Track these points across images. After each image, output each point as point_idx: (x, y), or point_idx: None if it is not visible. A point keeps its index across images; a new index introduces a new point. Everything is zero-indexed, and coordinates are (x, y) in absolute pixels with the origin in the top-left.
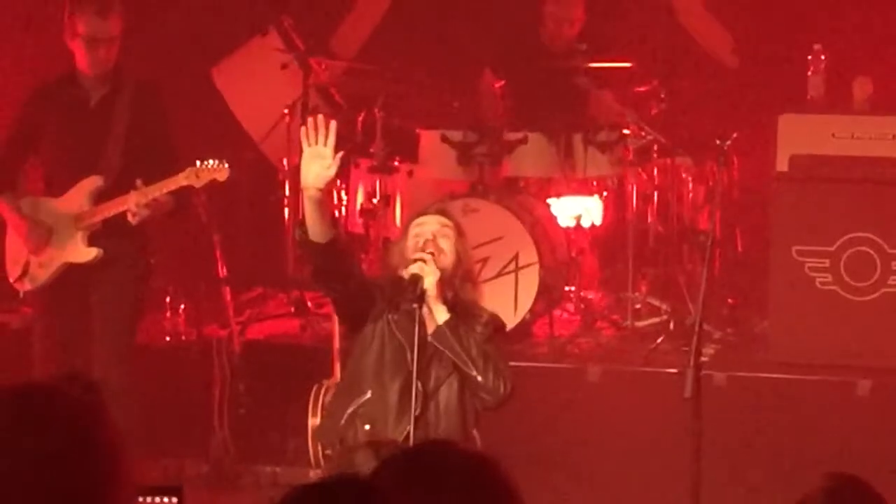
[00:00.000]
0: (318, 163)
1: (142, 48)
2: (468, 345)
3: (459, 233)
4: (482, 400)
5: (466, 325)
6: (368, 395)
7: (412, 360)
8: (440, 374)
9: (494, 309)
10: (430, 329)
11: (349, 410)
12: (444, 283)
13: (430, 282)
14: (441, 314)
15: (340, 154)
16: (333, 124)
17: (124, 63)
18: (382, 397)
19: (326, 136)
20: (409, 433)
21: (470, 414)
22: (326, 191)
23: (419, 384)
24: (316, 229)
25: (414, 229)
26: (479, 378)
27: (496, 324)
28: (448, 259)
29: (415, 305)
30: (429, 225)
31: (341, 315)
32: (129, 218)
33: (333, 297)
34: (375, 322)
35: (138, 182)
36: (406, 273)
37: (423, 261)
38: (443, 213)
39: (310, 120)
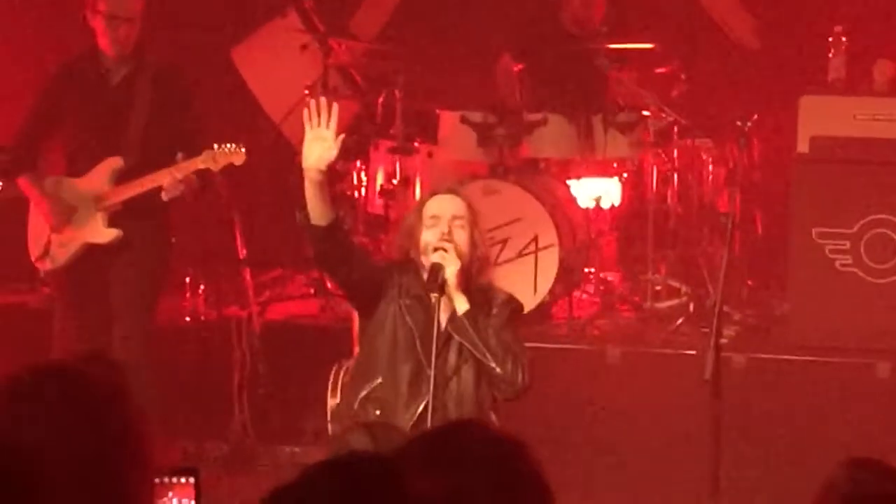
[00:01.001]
0: (319, 144)
1: (162, 28)
2: (486, 335)
3: (473, 219)
4: (501, 391)
5: (483, 310)
6: (380, 379)
7: (421, 347)
8: (455, 361)
9: (514, 290)
10: (446, 315)
11: (362, 394)
12: (462, 272)
13: (451, 272)
14: (461, 305)
15: (342, 136)
16: (335, 107)
17: (146, 43)
18: (393, 383)
19: (329, 119)
20: (418, 419)
21: (486, 399)
22: (327, 173)
23: (433, 370)
24: (317, 212)
25: (429, 220)
26: (498, 370)
27: (513, 305)
28: (463, 249)
29: (435, 295)
30: (444, 218)
31: (351, 299)
32: (163, 196)
33: (339, 280)
34: (388, 306)
35: (179, 155)
36: (426, 262)
37: (444, 250)
38: (455, 192)
39: (312, 102)
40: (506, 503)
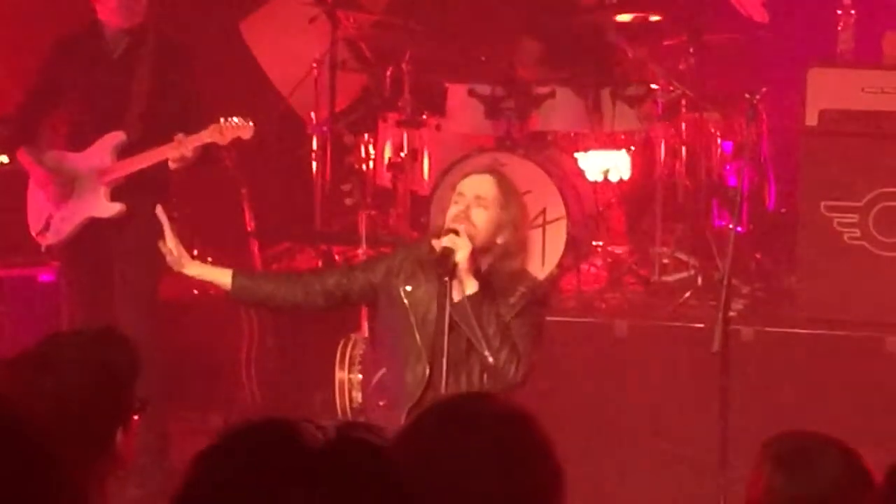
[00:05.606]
0: None
1: (171, 2)
2: (487, 322)
3: (504, 201)
4: (491, 383)
5: (500, 299)
6: (384, 370)
7: (419, 338)
8: (465, 348)
9: None
10: (456, 299)
11: (372, 383)
12: (475, 253)
13: (462, 255)
14: (470, 287)
15: None
16: None
17: (151, 16)
18: (398, 374)
19: None
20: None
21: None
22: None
23: (441, 358)
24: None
25: (455, 196)
26: (490, 359)
27: (532, 297)
28: (479, 231)
29: (445, 279)
30: (467, 196)
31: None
32: (170, 165)
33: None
34: (388, 297)
35: (177, 135)
36: (437, 245)
37: (455, 232)
38: (494, 171)
39: None
40: (515, 476)
